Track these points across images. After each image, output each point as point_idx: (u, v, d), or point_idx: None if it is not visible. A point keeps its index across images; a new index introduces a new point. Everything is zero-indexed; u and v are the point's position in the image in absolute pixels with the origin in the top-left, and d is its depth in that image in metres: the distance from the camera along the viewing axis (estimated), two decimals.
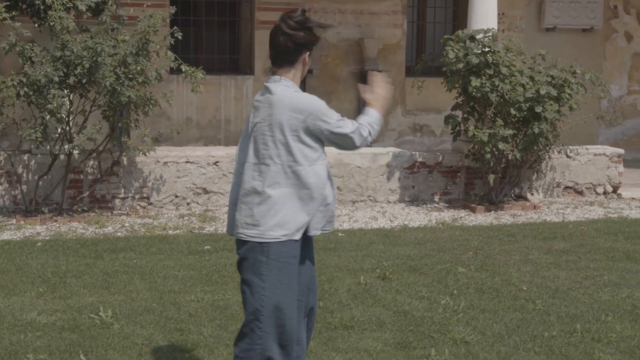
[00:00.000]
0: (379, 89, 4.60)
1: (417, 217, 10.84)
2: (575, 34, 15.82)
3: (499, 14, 15.07)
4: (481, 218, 10.83)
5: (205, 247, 8.88)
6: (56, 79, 9.43)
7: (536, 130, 10.77)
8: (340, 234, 9.69)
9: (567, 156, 12.10)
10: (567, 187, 12.29)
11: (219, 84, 14.33)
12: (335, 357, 5.75)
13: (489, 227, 10.21)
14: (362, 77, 14.67)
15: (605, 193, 12.41)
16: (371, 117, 4.50)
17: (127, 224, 10.05)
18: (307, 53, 4.46)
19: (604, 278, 7.85)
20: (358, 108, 14.78)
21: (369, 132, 4.46)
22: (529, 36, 15.54)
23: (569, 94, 11.03)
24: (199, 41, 14.89)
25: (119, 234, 9.61)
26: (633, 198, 12.38)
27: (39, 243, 8.95)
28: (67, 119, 9.90)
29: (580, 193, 12.32)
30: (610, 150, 12.50)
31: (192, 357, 5.71)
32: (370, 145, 4.66)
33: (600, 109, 15.91)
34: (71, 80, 9.55)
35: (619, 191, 12.47)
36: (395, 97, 15.08)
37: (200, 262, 8.25)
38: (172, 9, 10.49)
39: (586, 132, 15.61)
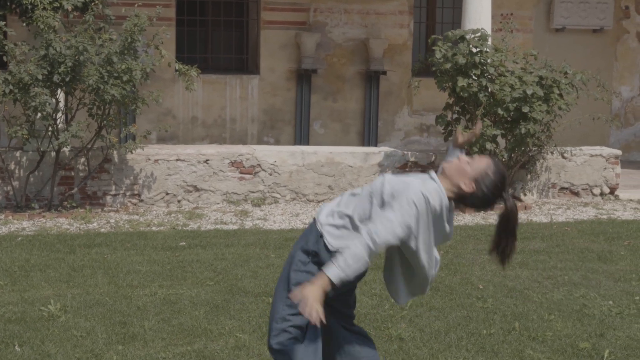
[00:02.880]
0: None
1: None
2: (585, 35, 15.71)
3: (507, 15, 15.11)
4: (469, 218, 10.84)
5: (181, 244, 9.01)
6: (40, 77, 9.63)
7: (523, 131, 10.75)
8: None
9: (563, 157, 12.05)
10: (562, 188, 12.24)
11: (225, 83, 14.48)
12: (267, 351, 5.83)
13: (473, 227, 10.21)
14: (368, 77, 14.73)
15: (602, 194, 12.33)
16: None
17: (113, 220, 10.22)
18: None
19: (564, 278, 7.83)
20: (364, 108, 14.84)
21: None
22: (538, 37, 15.53)
23: (559, 95, 10.99)
24: (206, 41, 15.05)
25: (102, 229, 9.78)
26: (630, 199, 12.29)
27: (20, 238, 9.15)
28: (53, 117, 10.10)
29: (577, 194, 12.25)
30: (607, 151, 12.42)
31: (125, 348, 5.83)
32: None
33: (612, 110, 15.80)
34: (55, 78, 9.74)
35: (616, 192, 12.37)
36: (402, 97, 15.12)
37: (169, 258, 8.37)
38: (159, 9, 10.62)
39: (597, 133, 15.52)
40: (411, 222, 4.09)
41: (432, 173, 4.34)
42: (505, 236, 4.35)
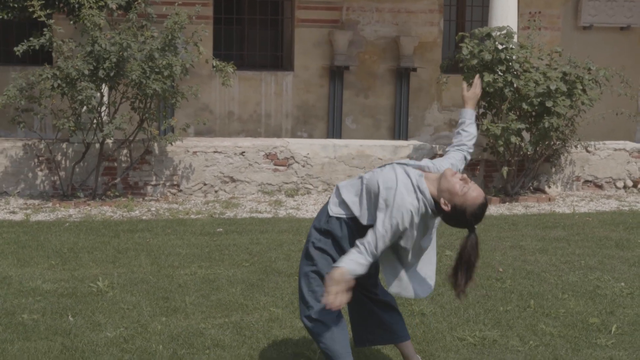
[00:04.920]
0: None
1: None
2: (612, 33, 16.06)
3: (535, 12, 15.48)
4: (494, 209, 11.26)
5: (218, 230, 9.53)
6: (86, 72, 10.20)
7: (546, 125, 11.15)
8: None
9: (587, 151, 12.44)
10: (586, 181, 12.63)
11: (260, 80, 14.98)
12: (298, 323, 6.32)
13: (497, 217, 10.64)
14: (398, 74, 15.18)
15: (625, 187, 12.70)
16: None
17: (154, 209, 10.76)
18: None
19: (581, 262, 8.25)
20: (394, 104, 15.29)
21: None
22: (566, 34, 15.89)
23: (582, 90, 11.38)
24: (242, 38, 15.57)
25: (144, 217, 10.32)
26: None
27: (67, 223, 9.72)
28: (98, 110, 10.67)
29: (600, 187, 12.64)
30: (630, 145, 12.79)
31: (168, 320, 6.34)
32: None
33: (639, 106, 16.11)
34: (100, 73, 10.29)
35: (639, 186, 12.73)
36: (432, 94, 15.55)
37: (207, 242, 8.90)
38: (198, 7, 11.15)
39: (623, 129, 15.85)
40: (399, 227, 4.52)
41: (422, 181, 4.59)
42: (463, 268, 4.66)
